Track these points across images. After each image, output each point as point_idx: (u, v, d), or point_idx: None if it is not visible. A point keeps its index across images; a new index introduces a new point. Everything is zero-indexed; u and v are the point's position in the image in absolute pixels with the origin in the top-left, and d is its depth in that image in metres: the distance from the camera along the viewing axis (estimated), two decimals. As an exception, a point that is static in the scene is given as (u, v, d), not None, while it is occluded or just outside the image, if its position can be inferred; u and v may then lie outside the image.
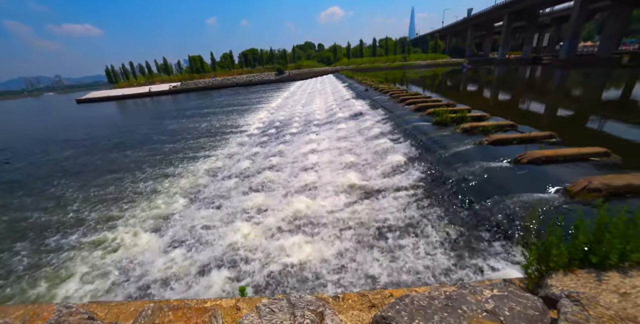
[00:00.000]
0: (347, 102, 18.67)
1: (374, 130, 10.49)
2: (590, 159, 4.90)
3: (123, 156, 13.78)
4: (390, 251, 4.14)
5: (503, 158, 5.40)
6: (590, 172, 4.37)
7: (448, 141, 7.19)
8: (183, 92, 65.84)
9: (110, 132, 21.32)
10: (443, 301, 1.81)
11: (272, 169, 8.69)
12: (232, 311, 2.08)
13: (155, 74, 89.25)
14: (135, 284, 4.56)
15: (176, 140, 16.19)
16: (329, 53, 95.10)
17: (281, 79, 68.99)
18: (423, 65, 75.82)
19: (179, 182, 9.27)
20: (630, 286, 1.65)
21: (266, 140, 13.11)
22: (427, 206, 4.90)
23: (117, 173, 10.93)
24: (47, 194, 9.49)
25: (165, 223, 6.61)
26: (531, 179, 4.43)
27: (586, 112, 14.09)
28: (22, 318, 1.98)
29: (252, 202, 6.60)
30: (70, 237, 6.49)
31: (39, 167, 13.24)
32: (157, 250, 5.43)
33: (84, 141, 18.49)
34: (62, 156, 14.89)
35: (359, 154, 8.68)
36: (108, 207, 7.93)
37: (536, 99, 19.21)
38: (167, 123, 23.20)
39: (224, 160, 11.19)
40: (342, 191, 6.45)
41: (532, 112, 15.32)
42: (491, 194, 4.40)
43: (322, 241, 4.72)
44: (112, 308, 2.20)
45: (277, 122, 16.99)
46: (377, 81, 26.88)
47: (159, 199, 8.04)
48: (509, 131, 7.39)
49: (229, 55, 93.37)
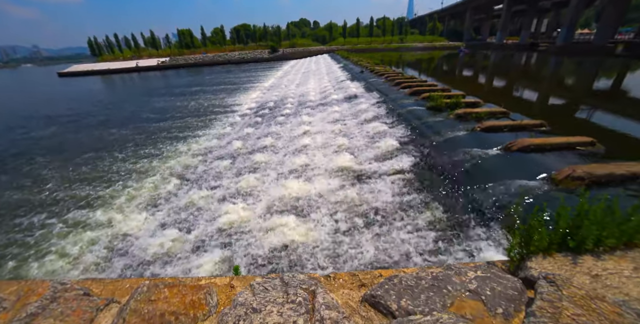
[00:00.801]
0: (342, 84, 18.33)
1: (369, 113, 10.42)
2: (577, 148, 5.06)
3: (109, 134, 13.37)
4: (380, 231, 4.28)
5: (494, 145, 5.51)
6: (575, 161, 4.54)
7: (441, 126, 7.24)
8: (172, 68, 63.07)
9: (95, 109, 20.52)
10: (430, 281, 1.91)
11: (264, 150, 8.63)
12: (227, 289, 2.14)
13: (142, 48, 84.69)
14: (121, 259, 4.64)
15: (165, 118, 15.73)
16: (324, 32, 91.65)
17: (275, 58, 66.64)
18: (420, 47, 74.17)
19: (167, 162, 9.12)
20: (602, 269, 1.78)
21: (259, 121, 12.89)
22: (417, 189, 5.02)
23: (101, 151, 10.63)
24: (25, 173, 9.23)
25: (154, 204, 6.57)
26: (519, 167, 4.57)
27: (576, 101, 14.30)
28: (16, 294, 2.00)
29: (244, 183, 6.61)
30: (42, 216, 6.37)
31: (19, 144, 12.76)
32: (146, 231, 5.45)
33: (67, 117, 17.78)
34: (45, 134, 14.34)
35: (352, 137, 8.68)
36: (91, 187, 7.72)
37: (529, 87, 19.30)
38: (156, 100, 22.41)
39: (215, 140, 11.01)
40: (335, 173, 6.50)
41: (525, 99, 15.44)
42: (480, 180, 4.53)
43: (313, 222, 4.83)
44: (107, 284, 2.23)
45: (271, 103, 16.64)
46: (372, 62, 26.28)
47: (146, 179, 7.90)
48: (501, 118, 7.47)
49: (221, 31, 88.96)
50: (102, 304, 1.93)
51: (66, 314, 1.82)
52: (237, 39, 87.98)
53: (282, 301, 1.83)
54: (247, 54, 69.96)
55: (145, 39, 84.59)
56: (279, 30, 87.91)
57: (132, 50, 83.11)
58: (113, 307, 1.95)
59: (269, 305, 1.78)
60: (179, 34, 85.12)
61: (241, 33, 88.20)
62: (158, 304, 1.84)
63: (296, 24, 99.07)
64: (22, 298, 1.96)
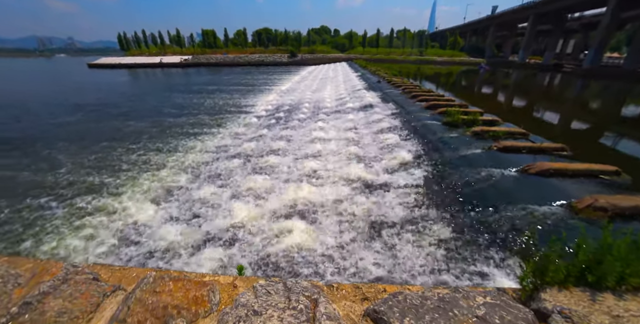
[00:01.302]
0: (358, 93, 18.40)
1: (383, 124, 10.39)
2: (600, 176, 4.85)
3: (127, 125, 13.80)
4: (386, 245, 4.21)
5: (510, 166, 5.36)
6: (598, 190, 4.35)
7: (457, 143, 7.13)
8: (194, 66, 64.94)
9: (119, 100, 21.32)
10: (436, 302, 1.85)
11: (276, 153, 8.70)
12: (229, 288, 2.15)
13: (168, 45, 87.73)
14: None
15: (183, 114, 16.14)
16: (344, 40, 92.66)
17: (293, 62, 67.67)
18: (439, 61, 73.85)
19: (182, 156, 9.32)
20: (624, 310, 1.67)
21: (273, 123, 13.04)
22: (428, 205, 4.93)
23: (117, 141, 10.97)
24: (43, 156, 9.62)
25: (161, 196, 6.68)
26: (536, 191, 4.42)
27: (602, 127, 13.83)
28: (32, 271, 2.07)
29: (254, 183, 6.65)
30: (47, 198, 6.62)
31: (45, 129, 13.33)
32: (155, 222, 5.54)
33: (92, 107, 18.49)
34: (70, 120, 14.97)
35: (365, 147, 8.65)
36: (101, 175, 7.95)
37: (551, 109, 18.84)
38: (176, 96, 23.06)
39: (229, 139, 11.19)
40: (345, 181, 6.48)
41: (546, 121, 15.07)
42: (494, 201, 4.41)
43: (320, 229, 4.80)
44: (115, 271, 2.28)
45: (286, 106, 16.84)
46: (390, 73, 26.34)
47: (155, 171, 8.06)
48: (519, 139, 7.30)
49: (243, 33, 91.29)
50: (109, 291, 1.97)
51: (75, 296, 1.87)
52: (259, 41, 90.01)
53: (284, 306, 1.82)
54: (266, 57, 71.35)
55: (171, 36, 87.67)
56: (299, 35, 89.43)
57: (157, 46, 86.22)
58: (119, 294, 1.98)
59: (270, 309, 1.77)
60: (203, 34, 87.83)
61: (262, 36, 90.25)
62: (162, 297, 1.86)
63: (317, 31, 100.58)
64: (37, 276, 2.03)
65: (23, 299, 1.81)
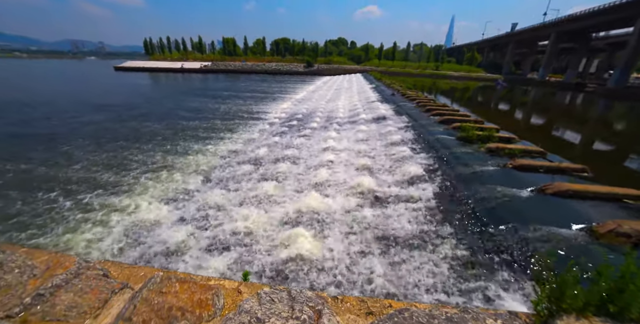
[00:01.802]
0: (372, 104, 18.47)
1: (396, 136, 10.34)
2: (624, 200, 4.63)
3: (144, 126, 14.35)
4: (393, 259, 4.12)
5: (526, 185, 5.20)
6: (621, 215, 4.14)
7: (471, 158, 7.00)
8: (213, 72, 67.15)
9: (139, 102, 22.21)
10: (443, 321, 1.79)
11: (288, 160, 8.77)
12: (234, 293, 2.15)
13: (189, 51, 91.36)
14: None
15: (197, 118, 16.63)
16: (360, 52, 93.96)
17: (309, 72, 68.94)
18: (455, 76, 73.57)
19: (195, 159, 9.53)
20: (648, 343, 1.57)
21: (286, 131, 13.21)
22: (438, 222, 4.82)
23: (133, 142, 11.39)
24: (62, 152, 10.12)
25: (170, 197, 6.82)
26: (554, 212, 4.25)
27: (627, 149, 13.29)
28: (46, 263, 2.14)
29: (263, 190, 6.70)
30: (59, 193, 6.95)
31: (68, 126, 14.00)
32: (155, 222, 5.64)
33: (114, 107, 19.29)
34: (92, 119, 15.68)
35: (376, 158, 8.61)
36: (112, 173, 8.26)
37: (572, 128, 18.31)
38: (193, 100, 23.83)
39: (242, 145, 11.38)
40: (354, 193, 6.43)
41: (566, 141, 14.63)
42: (508, 220, 4.26)
43: (327, 239, 4.76)
44: (124, 269, 2.32)
45: (300, 115, 17.05)
46: (405, 86, 26.40)
47: (167, 174, 8.26)
48: (536, 157, 7.10)
49: (262, 42, 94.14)
50: (117, 288, 2.00)
51: (85, 291, 1.92)
52: (277, 51, 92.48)
53: (287, 315, 1.80)
54: (283, 66, 73.03)
55: (193, 43, 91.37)
56: (317, 46, 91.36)
57: (180, 52, 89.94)
58: (126, 292, 2.02)
59: (273, 317, 1.76)
60: (224, 42, 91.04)
61: (280, 46, 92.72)
62: (168, 297, 1.88)
63: (334, 43, 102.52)
64: (51, 269, 2.10)
65: (37, 290, 1.87)
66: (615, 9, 42.82)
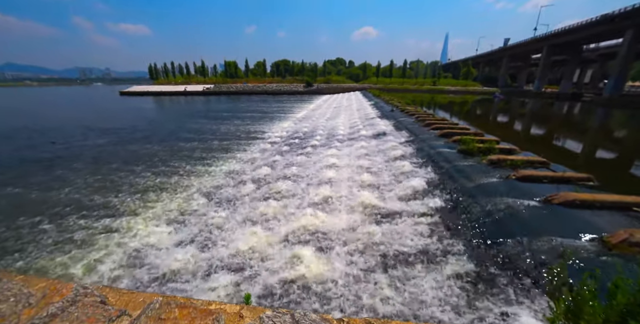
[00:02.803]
0: (371, 121, 18.72)
1: (397, 151, 10.37)
2: (634, 209, 4.51)
3: (144, 148, 14.58)
4: (399, 277, 3.98)
5: (532, 196, 5.10)
6: (632, 224, 4.02)
7: (473, 171, 6.95)
8: (215, 94, 69.10)
9: (141, 124, 22.71)
10: (456, 344, 1.69)
11: (289, 179, 8.75)
12: (235, 318, 2.07)
13: (192, 75, 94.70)
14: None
15: (198, 139, 16.90)
16: (358, 70, 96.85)
17: (309, 92, 70.69)
18: (452, 91, 75.12)
19: (196, 180, 9.55)
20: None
21: (287, 149, 13.31)
22: (444, 236, 4.70)
23: (132, 166, 11.41)
24: (56, 175, 10.23)
25: (170, 219, 6.77)
26: (563, 223, 4.13)
27: (631, 157, 13.19)
28: (42, 291, 2.09)
29: (264, 209, 6.64)
30: (43, 218, 6.95)
31: (73, 150, 14.28)
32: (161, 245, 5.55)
33: (116, 131, 19.70)
34: (95, 143, 15.96)
35: (378, 174, 8.58)
36: (103, 197, 8.23)
37: (573, 138, 18.32)
38: (195, 122, 24.38)
39: (243, 164, 11.44)
40: (357, 209, 6.35)
41: (568, 150, 14.58)
42: (515, 233, 4.14)
43: (331, 258, 4.63)
44: (122, 295, 2.26)
45: (300, 133, 17.27)
46: (404, 102, 26.87)
47: (169, 194, 8.31)
48: (539, 168, 7.03)
49: (262, 64, 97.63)
50: (114, 315, 1.94)
51: (81, 320, 1.86)
52: (277, 72, 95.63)
53: (291, 341, 1.72)
54: (283, 86, 75.11)
55: (196, 67, 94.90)
56: (315, 67, 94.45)
57: (183, 76, 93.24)
58: (124, 319, 1.94)
59: (276, 344, 1.67)
60: (226, 65, 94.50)
61: (281, 67, 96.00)
62: (166, 324, 1.81)
63: (332, 63, 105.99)
64: (47, 296, 2.04)
65: (31, 320, 1.81)
66: (604, 21, 44.34)
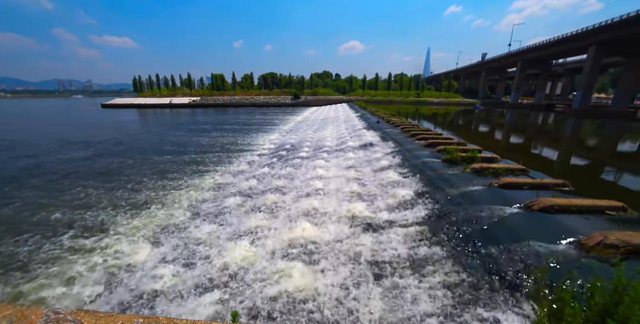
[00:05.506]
0: (358, 132, 19.02)
1: (383, 162, 10.53)
2: (606, 212, 4.73)
3: (121, 162, 14.15)
4: (389, 287, 3.96)
5: (513, 203, 5.27)
6: (606, 227, 4.21)
7: (457, 179, 7.13)
8: (202, 106, 68.59)
9: (121, 137, 22.11)
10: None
11: (277, 191, 8.68)
12: (221, 338, 1.98)
13: (178, 87, 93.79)
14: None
15: (183, 152, 16.59)
16: (344, 83, 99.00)
17: (296, 104, 71.44)
18: (435, 102, 77.85)
19: (180, 194, 9.31)
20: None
21: (275, 161, 13.26)
22: (431, 244, 4.74)
23: (109, 182, 10.91)
24: (25, 197, 9.61)
25: (154, 236, 6.54)
26: (542, 228, 4.27)
27: (601, 162, 13.94)
28: (9, 319, 1.94)
29: (253, 222, 6.52)
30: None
31: (47, 164, 13.71)
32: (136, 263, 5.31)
33: (98, 144, 19.06)
34: (71, 157, 15.40)
35: (366, 184, 8.65)
36: (72, 213, 7.98)
37: (549, 146, 19.24)
38: (179, 135, 23.98)
39: (231, 177, 11.28)
40: (346, 220, 6.34)
41: (545, 157, 15.25)
42: (499, 239, 4.23)
43: (321, 270, 4.56)
44: (99, 318, 2.13)
45: (288, 145, 17.29)
46: (389, 113, 27.53)
47: (154, 210, 8.03)
48: (519, 175, 7.30)
49: (250, 77, 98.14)
50: (89, 342, 1.82)
51: (51, 349, 1.72)
52: (264, 85, 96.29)
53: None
54: (271, 99, 75.57)
55: (182, 80, 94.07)
56: (303, 79, 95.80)
57: (169, 89, 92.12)
58: (100, 346, 1.83)
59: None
60: (213, 78, 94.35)
61: (268, 80, 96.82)
62: (146, 348, 1.71)
63: (319, 75, 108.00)
64: (14, 323, 1.89)
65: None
66: (569, 39, 47.82)
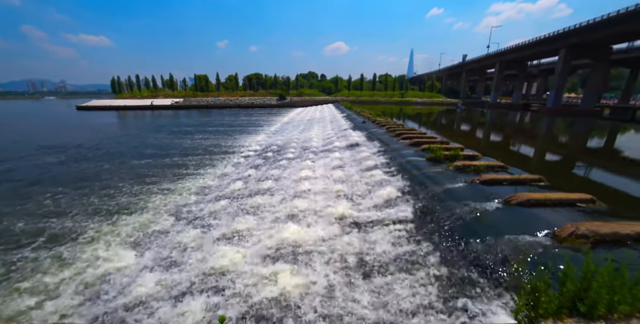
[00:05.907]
0: (344, 132, 19.18)
1: (370, 161, 10.67)
2: (577, 204, 5.03)
3: (98, 166, 13.63)
4: (376, 284, 4.03)
5: (493, 198, 5.50)
6: (577, 218, 4.48)
7: (441, 177, 7.34)
8: (185, 108, 66.89)
9: (102, 142, 21.19)
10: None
11: (264, 193, 8.62)
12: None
13: (160, 88, 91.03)
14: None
15: (165, 155, 16.08)
16: (330, 84, 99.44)
17: (282, 105, 71.04)
18: (419, 102, 79.57)
19: (163, 198, 9.06)
20: (619, 339, 1.63)
21: (261, 163, 13.15)
22: (417, 241, 4.86)
23: (84, 188, 10.37)
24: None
25: (137, 242, 6.34)
26: (520, 221, 4.49)
27: (573, 158, 14.74)
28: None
29: (240, 225, 6.45)
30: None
31: (18, 170, 12.98)
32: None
33: (71, 149, 18.17)
34: (45, 162, 14.63)
35: (353, 184, 8.74)
36: (47, 221, 7.54)
37: (526, 143, 20.15)
38: (160, 137, 23.30)
39: (215, 180, 11.09)
40: (333, 220, 6.38)
41: (522, 154, 15.95)
42: (481, 233, 4.41)
43: (309, 271, 4.57)
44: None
45: (274, 146, 17.19)
46: (375, 113, 27.89)
47: (134, 216, 7.77)
48: (499, 171, 7.61)
49: (235, 78, 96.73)
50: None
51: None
52: (249, 86, 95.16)
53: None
54: (256, 100, 74.76)
55: (164, 80, 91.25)
56: (288, 80, 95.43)
57: (150, 90, 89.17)
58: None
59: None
60: (196, 78, 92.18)
61: (253, 81, 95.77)
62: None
63: (304, 76, 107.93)
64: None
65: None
66: (542, 42, 50.23)
